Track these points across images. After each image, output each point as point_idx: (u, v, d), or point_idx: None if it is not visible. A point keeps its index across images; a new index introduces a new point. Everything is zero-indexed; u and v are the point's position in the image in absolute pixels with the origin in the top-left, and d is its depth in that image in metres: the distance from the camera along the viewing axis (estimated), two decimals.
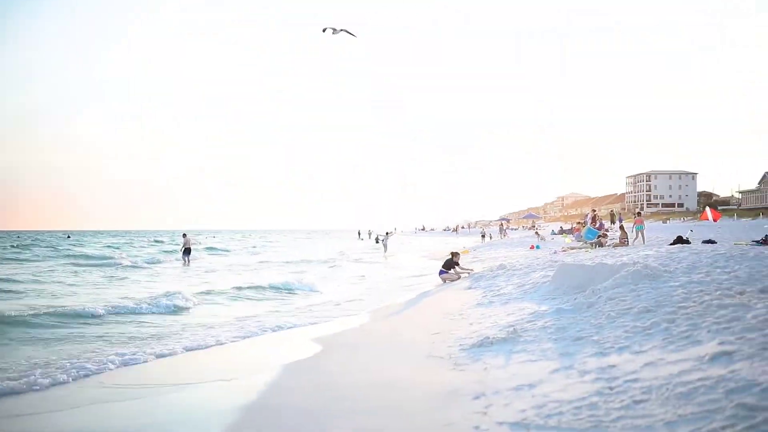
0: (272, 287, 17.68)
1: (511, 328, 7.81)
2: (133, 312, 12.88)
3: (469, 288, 14.42)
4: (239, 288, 17.63)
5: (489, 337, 7.56)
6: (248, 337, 10.01)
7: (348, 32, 22.82)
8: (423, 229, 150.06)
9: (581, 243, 25.80)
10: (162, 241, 71.47)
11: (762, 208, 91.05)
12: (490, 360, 6.59)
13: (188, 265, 30.69)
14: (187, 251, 31.95)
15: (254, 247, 60.03)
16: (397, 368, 6.90)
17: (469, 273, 17.61)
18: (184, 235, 33.19)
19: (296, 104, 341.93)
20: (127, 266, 30.47)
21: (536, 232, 47.26)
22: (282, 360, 7.90)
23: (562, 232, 47.91)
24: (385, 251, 42.38)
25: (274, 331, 10.55)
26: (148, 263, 32.95)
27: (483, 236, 58.41)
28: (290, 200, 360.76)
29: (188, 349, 9.00)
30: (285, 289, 17.43)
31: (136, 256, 40.26)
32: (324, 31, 22.67)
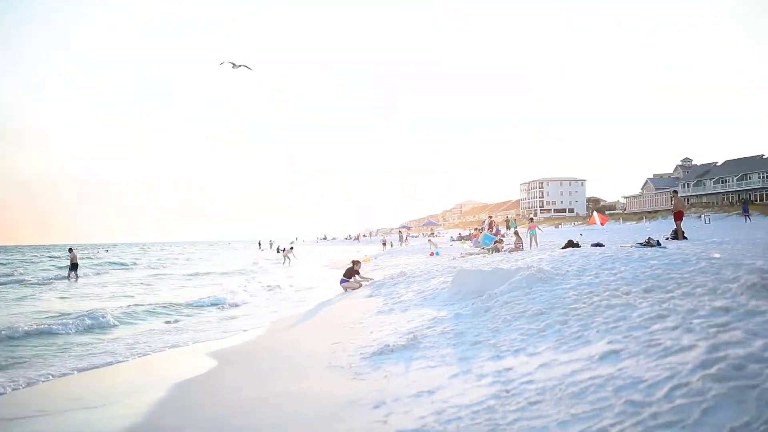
0: (183, 303, 16.91)
1: (411, 335, 7.84)
2: (46, 332, 11.99)
3: (370, 296, 14.42)
4: (152, 304, 16.78)
5: (389, 345, 7.55)
6: (146, 354, 9.54)
7: (247, 67, 22.63)
8: (325, 238, 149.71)
9: (479, 249, 26.39)
10: (58, 257, 67.38)
11: (644, 211, 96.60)
12: (391, 368, 6.57)
13: (76, 281, 29.15)
14: (73, 267, 30.45)
15: (159, 260, 57.48)
16: (296, 380, 6.75)
17: (369, 281, 17.63)
18: (71, 250, 31.61)
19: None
20: (33, 283, 28.43)
21: (429, 240, 47.91)
22: (175, 377, 7.53)
23: (460, 238, 48.99)
24: (289, 262, 41.93)
25: (173, 347, 10.08)
26: (54, 279, 30.77)
27: (384, 244, 58.86)
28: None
29: (80, 370, 8.48)
30: (191, 305, 16.72)
31: (31, 273, 37.46)
32: (221, 64, 22.40)
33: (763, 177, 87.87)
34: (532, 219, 28.31)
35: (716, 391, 3.62)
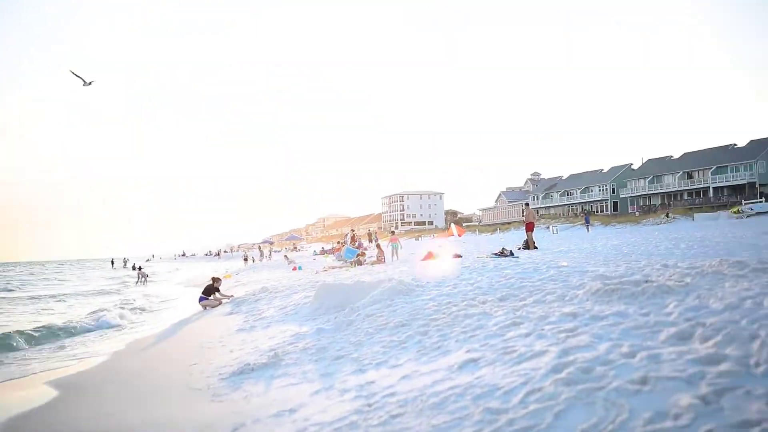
0: (27, 328, 15.21)
1: (273, 353, 7.65)
2: None
3: (231, 313, 14.01)
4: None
5: (250, 364, 7.32)
6: None
7: (82, 79, 21.74)
8: (183, 255, 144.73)
9: (341, 262, 26.49)
10: None
11: (499, 223, 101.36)
12: (251, 387, 6.35)
13: None
14: None
15: (8, 282, 52.24)
16: (148, 407, 6.35)
17: (230, 298, 17.15)
18: None
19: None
20: None
21: (285, 256, 47.42)
22: (4, 412, 6.77)
23: (323, 252, 48.94)
24: (144, 280, 40.00)
25: (7, 379, 9.09)
26: None
27: (246, 259, 57.85)
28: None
29: None
30: (35, 330, 15.09)
31: None
32: (74, 74, 21.34)
33: (603, 190, 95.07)
34: (393, 232, 28.82)
35: (567, 394, 3.76)
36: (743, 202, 62.23)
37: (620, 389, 3.61)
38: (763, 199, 64.70)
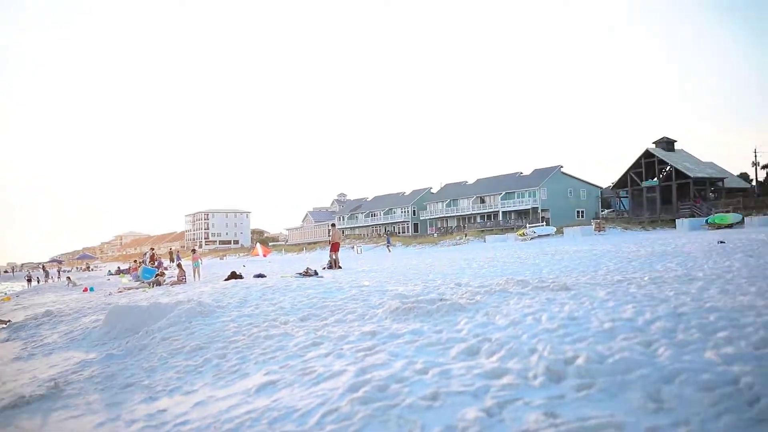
0: None
1: (53, 382, 6.96)
2: None
3: (7, 340, 12.62)
4: None
5: (25, 396, 6.58)
6: None
7: None
8: None
9: (138, 282, 25.12)
10: None
11: (305, 243, 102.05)
12: (24, 423, 5.70)
13: None
14: None
15: None
16: None
17: (6, 324, 15.49)
18: None
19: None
20: None
21: (68, 278, 44.02)
22: None
23: (119, 272, 46.06)
24: None
25: None
26: None
27: (29, 280, 52.90)
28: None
29: None
30: None
31: None
32: None
33: (405, 212, 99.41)
34: (194, 250, 27.86)
35: (363, 413, 3.78)
36: (527, 225, 68.01)
37: (413, 406, 3.70)
38: (544, 222, 71.31)
